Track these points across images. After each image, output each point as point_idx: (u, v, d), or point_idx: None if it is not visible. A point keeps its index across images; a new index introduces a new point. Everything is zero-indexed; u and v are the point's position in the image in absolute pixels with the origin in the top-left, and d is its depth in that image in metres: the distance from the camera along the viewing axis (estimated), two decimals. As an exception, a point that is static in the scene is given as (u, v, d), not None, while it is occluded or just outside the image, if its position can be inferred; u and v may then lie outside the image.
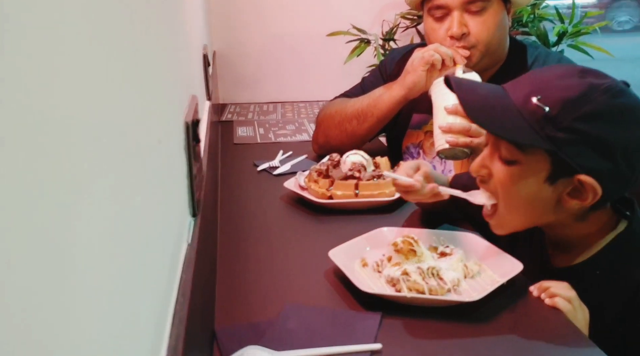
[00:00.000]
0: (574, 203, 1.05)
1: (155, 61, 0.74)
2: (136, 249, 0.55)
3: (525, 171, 1.05)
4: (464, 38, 1.62)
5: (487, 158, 1.10)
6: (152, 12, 0.76)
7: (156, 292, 0.62)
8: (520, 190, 1.07)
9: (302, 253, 1.28)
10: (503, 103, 1.05)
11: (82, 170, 0.41)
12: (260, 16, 2.76)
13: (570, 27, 2.52)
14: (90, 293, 0.40)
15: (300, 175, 1.59)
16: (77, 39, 0.41)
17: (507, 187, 1.08)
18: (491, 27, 1.62)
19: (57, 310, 0.34)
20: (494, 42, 1.63)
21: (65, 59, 0.39)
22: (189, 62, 1.26)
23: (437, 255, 1.16)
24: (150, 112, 0.68)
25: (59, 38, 0.38)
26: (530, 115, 1.01)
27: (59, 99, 0.37)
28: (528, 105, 1.02)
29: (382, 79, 1.84)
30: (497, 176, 1.09)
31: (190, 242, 0.83)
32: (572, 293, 1.01)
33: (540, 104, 1.00)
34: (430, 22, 1.67)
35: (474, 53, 1.63)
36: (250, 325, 0.99)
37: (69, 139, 0.38)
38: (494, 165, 1.09)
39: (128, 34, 0.59)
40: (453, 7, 1.61)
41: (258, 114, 2.54)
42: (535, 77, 1.08)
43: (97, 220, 0.43)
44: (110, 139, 0.48)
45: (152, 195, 0.65)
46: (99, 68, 0.47)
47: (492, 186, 1.10)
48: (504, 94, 1.07)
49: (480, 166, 1.11)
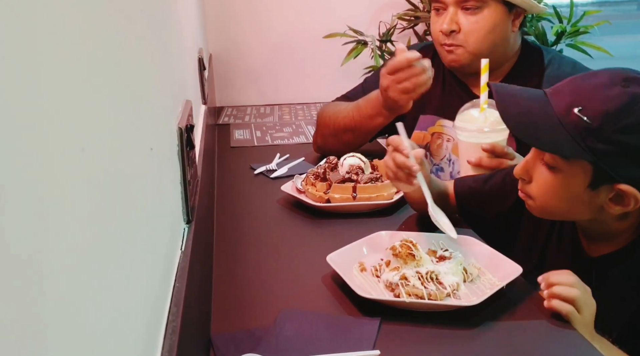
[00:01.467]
0: (617, 209, 1.06)
1: (146, 67, 0.73)
2: (127, 258, 0.54)
3: (568, 178, 1.07)
4: (452, 35, 1.62)
5: (530, 162, 1.12)
6: (142, 18, 0.74)
7: (148, 302, 0.61)
8: (561, 194, 1.09)
9: (300, 258, 1.27)
10: (544, 113, 1.07)
11: (71, 179, 0.39)
12: (256, 18, 2.75)
13: (569, 26, 2.51)
14: (79, 302, 0.39)
15: (297, 178, 1.57)
16: (63, 44, 0.40)
17: (547, 191, 1.10)
18: (483, 28, 1.61)
19: (45, 319, 0.33)
20: (484, 45, 1.62)
21: (51, 65, 0.38)
22: (183, 67, 1.25)
23: (435, 258, 1.15)
24: (142, 119, 0.66)
25: (48, 43, 0.37)
26: (572, 126, 1.03)
27: (47, 106, 0.36)
28: (569, 116, 1.03)
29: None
30: (539, 180, 1.11)
31: (183, 249, 0.82)
32: (574, 292, 1.00)
33: (582, 116, 1.02)
34: (433, 15, 1.70)
35: (461, 52, 1.63)
36: (246, 332, 0.98)
37: (57, 146, 0.37)
38: (536, 169, 1.11)
39: (118, 41, 0.58)
40: (448, 3, 1.63)
41: (255, 117, 2.53)
42: (578, 86, 1.08)
43: (85, 228, 0.42)
44: (99, 147, 0.47)
45: (144, 203, 0.64)
46: (84, 74, 0.46)
47: (533, 188, 1.12)
48: (544, 101, 1.08)
49: (523, 170, 1.13)
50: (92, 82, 0.48)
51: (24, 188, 0.31)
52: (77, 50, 0.44)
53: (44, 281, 0.34)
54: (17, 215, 0.30)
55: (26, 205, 0.32)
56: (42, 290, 0.33)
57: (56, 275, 0.36)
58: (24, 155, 0.32)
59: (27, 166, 0.32)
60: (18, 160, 0.31)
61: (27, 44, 0.34)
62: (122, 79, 0.58)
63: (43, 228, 0.34)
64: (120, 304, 0.50)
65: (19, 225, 0.31)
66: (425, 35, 2.69)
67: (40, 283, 0.33)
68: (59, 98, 0.39)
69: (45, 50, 0.37)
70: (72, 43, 0.43)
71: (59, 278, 0.36)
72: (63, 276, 0.37)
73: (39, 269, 0.33)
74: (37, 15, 0.36)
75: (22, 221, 0.31)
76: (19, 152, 0.31)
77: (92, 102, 0.47)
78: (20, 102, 0.32)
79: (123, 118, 0.57)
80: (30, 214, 0.32)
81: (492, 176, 1.36)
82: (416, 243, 1.12)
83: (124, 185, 0.54)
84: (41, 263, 0.33)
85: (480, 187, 1.35)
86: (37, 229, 0.33)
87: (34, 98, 0.34)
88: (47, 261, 0.34)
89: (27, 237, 0.32)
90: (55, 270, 0.36)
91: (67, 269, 0.38)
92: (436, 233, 1.25)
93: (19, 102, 0.32)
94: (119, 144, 0.53)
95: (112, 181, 0.50)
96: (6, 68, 0.30)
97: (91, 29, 0.49)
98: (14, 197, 0.30)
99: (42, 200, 0.34)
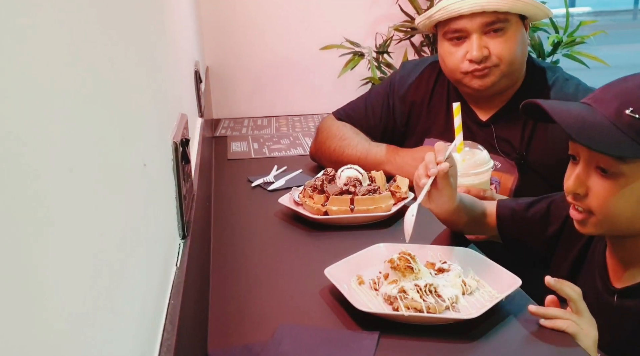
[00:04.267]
0: None
1: (139, 80, 0.73)
2: (121, 275, 0.53)
3: (628, 180, 1.04)
4: (484, 60, 1.56)
5: (582, 174, 1.08)
6: (135, 31, 0.74)
7: (143, 320, 0.60)
8: (623, 199, 1.05)
9: (297, 271, 1.26)
10: (597, 119, 1.05)
11: (63, 195, 0.39)
12: (253, 30, 2.75)
13: (565, 36, 2.51)
14: (71, 319, 0.38)
15: (294, 190, 1.57)
16: (54, 57, 0.40)
17: (609, 199, 1.06)
18: (512, 46, 1.56)
19: (38, 336, 0.32)
20: (516, 60, 1.58)
21: (42, 78, 0.37)
22: (178, 80, 1.24)
23: (434, 271, 1.14)
24: (135, 134, 0.66)
25: (39, 56, 0.36)
26: (628, 127, 1.01)
27: (38, 121, 0.35)
28: (622, 118, 1.02)
29: (389, 99, 1.79)
30: (596, 190, 1.07)
31: (179, 265, 0.81)
32: (570, 315, 1.00)
33: (638, 116, 1.01)
34: (447, 46, 1.61)
35: (494, 72, 1.57)
36: (244, 347, 0.97)
37: (48, 162, 0.36)
38: (591, 180, 1.07)
39: (110, 54, 0.58)
40: (471, 30, 1.55)
41: (252, 129, 2.52)
42: (619, 90, 1.06)
43: (79, 244, 0.41)
44: (92, 162, 0.46)
45: (138, 219, 0.63)
46: (75, 88, 0.45)
47: (590, 202, 1.08)
48: (591, 110, 1.07)
49: (577, 184, 1.08)
50: (83, 95, 0.47)
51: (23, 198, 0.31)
52: (69, 62, 0.44)
53: (38, 293, 0.33)
54: (14, 227, 0.30)
55: (24, 216, 0.31)
56: (36, 302, 0.33)
57: (49, 294, 0.35)
58: (12, 171, 0.31)
59: (16, 183, 0.31)
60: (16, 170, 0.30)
61: (18, 58, 0.33)
62: (114, 94, 0.58)
63: (31, 249, 0.33)
64: (113, 321, 0.49)
65: (7, 248, 0.30)
66: (422, 46, 2.69)
67: (34, 294, 0.32)
68: (49, 112, 0.38)
69: (37, 64, 0.37)
70: (64, 55, 0.43)
71: (51, 292, 0.35)
72: (56, 295, 0.36)
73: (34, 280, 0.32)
74: (29, 29, 0.35)
75: (18, 233, 0.30)
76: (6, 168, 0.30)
77: (82, 117, 0.46)
78: (7, 117, 0.31)
79: (115, 133, 0.56)
80: (28, 226, 0.31)
81: (537, 201, 1.33)
82: (414, 255, 1.11)
83: (116, 201, 0.54)
84: (35, 274, 0.33)
85: (523, 212, 1.33)
86: (34, 240, 0.32)
87: (25, 114, 0.34)
88: (42, 271, 0.34)
89: (17, 257, 0.31)
90: (48, 283, 0.35)
91: (59, 288, 0.37)
92: (434, 246, 1.24)
93: (17, 113, 0.31)
94: (111, 160, 0.53)
95: (104, 198, 0.50)
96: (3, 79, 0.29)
97: (83, 41, 0.48)
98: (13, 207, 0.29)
99: (32, 218, 0.33)
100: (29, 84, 0.35)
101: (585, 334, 0.98)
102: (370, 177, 1.57)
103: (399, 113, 1.77)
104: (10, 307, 0.30)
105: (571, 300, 1.01)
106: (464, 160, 1.44)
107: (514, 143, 1.61)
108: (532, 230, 1.31)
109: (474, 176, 1.44)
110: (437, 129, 1.71)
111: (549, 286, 1.02)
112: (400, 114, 1.77)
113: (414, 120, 1.76)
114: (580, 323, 0.99)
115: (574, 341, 0.97)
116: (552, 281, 1.02)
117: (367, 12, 2.76)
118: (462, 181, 1.42)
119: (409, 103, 1.76)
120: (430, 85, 1.75)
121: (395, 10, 2.69)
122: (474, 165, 1.44)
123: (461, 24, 1.56)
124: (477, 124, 1.67)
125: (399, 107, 1.77)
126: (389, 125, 1.79)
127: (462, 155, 1.45)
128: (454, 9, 1.54)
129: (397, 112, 1.77)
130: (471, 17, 1.54)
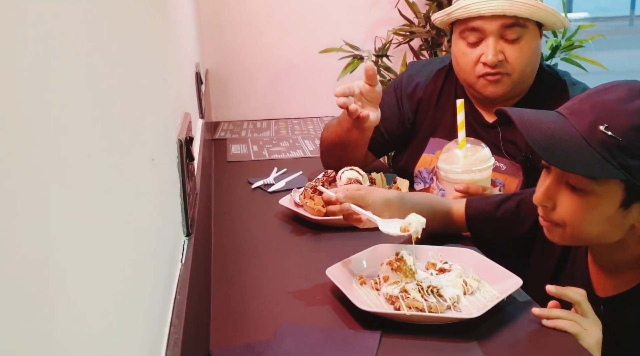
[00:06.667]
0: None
1: (146, 78, 0.73)
2: (130, 270, 0.53)
3: (599, 199, 1.02)
4: (499, 65, 1.55)
5: (553, 188, 1.06)
6: (142, 31, 0.74)
7: (151, 314, 0.60)
8: (592, 218, 1.03)
9: (299, 272, 1.26)
10: (567, 134, 1.01)
11: (73, 190, 0.39)
12: (252, 34, 2.76)
13: (564, 40, 2.52)
14: (82, 315, 0.39)
15: (295, 192, 1.57)
16: (66, 56, 0.40)
17: (577, 216, 1.04)
18: (527, 55, 1.55)
19: (48, 330, 0.32)
20: (528, 70, 1.58)
21: (54, 77, 0.37)
22: (181, 80, 1.25)
23: (435, 271, 1.14)
24: (143, 130, 0.66)
25: (48, 55, 0.36)
26: (600, 145, 0.98)
27: (49, 117, 0.36)
28: (596, 135, 0.98)
29: (398, 98, 1.78)
30: (565, 205, 1.05)
31: (184, 261, 0.81)
32: (574, 316, 1.00)
33: (611, 134, 0.97)
34: (462, 45, 1.60)
35: (506, 81, 1.57)
36: (246, 346, 0.97)
37: (59, 157, 0.37)
38: (560, 194, 1.05)
39: (119, 52, 0.58)
40: (489, 32, 1.54)
41: (252, 131, 2.53)
42: (596, 103, 1.02)
43: (88, 240, 0.41)
44: (102, 157, 0.47)
45: (146, 215, 0.63)
46: (88, 85, 0.45)
47: (557, 215, 1.07)
48: (564, 122, 1.03)
49: (545, 197, 1.07)
50: (97, 89, 0.48)
51: (34, 193, 0.31)
52: (85, 63, 0.45)
53: (50, 288, 0.33)
54: (25, 221, 0.30)
55: (34, 211, 0.31)
56: (48, 297, 0.33)
57: (60, 284, 0.35)
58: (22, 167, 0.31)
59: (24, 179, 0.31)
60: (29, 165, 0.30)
61: (39, 57, 0.34)
62: (124, 89, 0.58)
63: (49, 235, 0.34)
64: (122, 315, 0.50)
65: (26, 231, 0.30)
66: (421, 50, 2.70)
67: (45, 289, 0.33)
68: (67, 108, 0.39)
69: (56, 65, 0.37)
70: (81, 58, 0.43)
71: (63, 287, 0.36)
72: (66, 286, 0.36)
73: (45, 275, 0.33)
74: (46, 29, 0.36)
75: (29, 227, 0.31)
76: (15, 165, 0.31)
77: (98, 110, 0.47)
78: (31, 111, 0.32)
79: (125, 126, 0.57)
80: (38, 220, 0.32)
81: (505, 200, 1.31)
82: (405, 259, 1.10)
83: (127, 194, 0.54)
84: (46, 269, 0.33)
85: (493, 212, 1.30)
86: (43, 235, 0.33)
87: (36, 111, 0.34)
88: (53, 266, 0.34)
89: (34, 242, 0.31)
90: (59, 279, 0.35)
91: (70, 278, 0.37)
92: (435, 246, 1.25)
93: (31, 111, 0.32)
94: (122, 152, 0.53)
95: (117, 189, 0.50)
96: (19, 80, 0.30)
97: (95, 44, 0.49)
98: (24, 202, 0.30)
99: (40, 214, 0.33)
100: (55, 82, 0.36)
101: (588, 334, 0.98)
102: (371, 178, 1.57)
103: (406, 111, 1.77)
104: (22, 299, 0.30)
105: (576, 302, 1.00)
106: (465, 157, 1.44)
107: (520, 145, 1.60)
108: (503, 230, 1.29)
109: (475, 173, 1.44)
110: (444, 129, 1.70)
111: (551, 294, 1.02)
112: (407, 112, 1.76)
113: (420, 118, 1.76)
114: (583, 324, 0.99)
115: (576, 341, 0.97)
116: (553, 289, 1.01)
117: (367, 16, 2.77)
118: (463, 177, 1.42)
119: (416, 101, 1.75)
120: (438, 84, 1.75)
121: (395, 14, 2.70)
122: (476, 161, 1.44)
123: (480, 24, 1.55)
124: (483, 126, 1.66)
125: (406, 105, 1.76)
126: (398, 125, 1.78)
127: (464, 151, 1.45)
128: (476, 9, 1.54)
129: (405, 109, 1.77)
130: (491, 18, 1.53)
